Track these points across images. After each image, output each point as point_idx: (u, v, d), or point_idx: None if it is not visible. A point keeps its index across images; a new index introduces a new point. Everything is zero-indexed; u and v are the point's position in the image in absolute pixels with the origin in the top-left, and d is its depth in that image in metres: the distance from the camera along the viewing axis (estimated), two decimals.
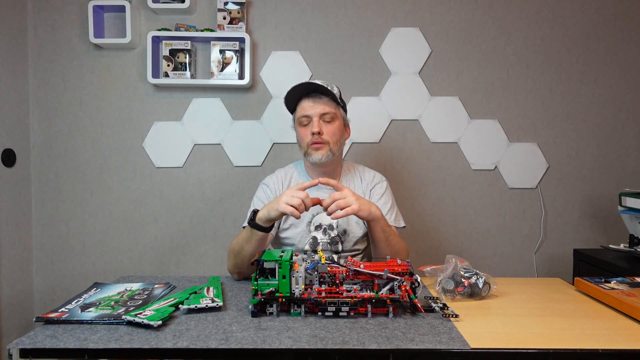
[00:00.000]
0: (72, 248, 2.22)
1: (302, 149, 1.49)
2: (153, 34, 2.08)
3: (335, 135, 1.46)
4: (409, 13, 2.18)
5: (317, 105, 1.44)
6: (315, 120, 1.44)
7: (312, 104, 1.45)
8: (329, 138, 1.44)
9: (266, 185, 1.55)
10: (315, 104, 1.44)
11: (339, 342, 0.90)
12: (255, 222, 1.28)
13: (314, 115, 1.44)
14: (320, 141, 1.43)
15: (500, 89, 2.20)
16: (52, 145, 2.19)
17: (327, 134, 1.44)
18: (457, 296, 1.17)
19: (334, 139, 1.45)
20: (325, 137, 1.43)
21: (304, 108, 1.46)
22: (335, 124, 1.46)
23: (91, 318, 1.00)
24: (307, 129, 1.45)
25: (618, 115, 2.21)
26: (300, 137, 1.48)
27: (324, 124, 1.44)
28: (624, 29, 2.19)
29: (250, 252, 1.29)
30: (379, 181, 1.56)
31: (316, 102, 1.44)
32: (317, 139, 1.43)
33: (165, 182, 2.22)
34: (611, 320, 1.04)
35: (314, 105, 1.44)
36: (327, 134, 1.44)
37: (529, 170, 2.22)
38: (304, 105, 1.46)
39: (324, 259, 1.08)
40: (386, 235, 1.34)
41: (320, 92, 1.46)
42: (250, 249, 1.29)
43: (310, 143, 1.44)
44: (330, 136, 1.44)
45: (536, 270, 2.25)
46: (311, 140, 1.44)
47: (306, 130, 1.46)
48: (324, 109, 1.44)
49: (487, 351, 0.88)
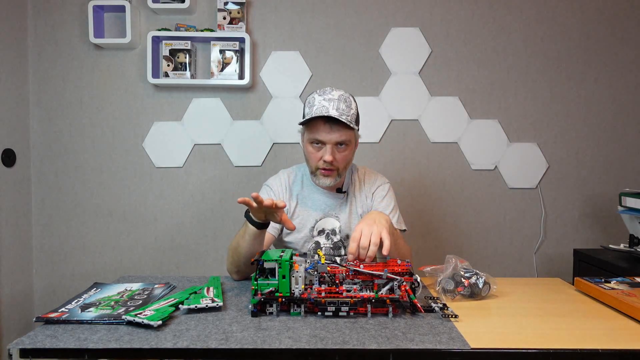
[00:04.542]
0: (72, 248, 2.22)
1: (309, 167, 1.44)
2: (153, 34, 2.08)
3: (346, 160, 1.40)
4: (409, 13, 2.18)
5: (333, 132, 1.33)
6: (329, 148, 1.34)
7: (328, 130, 1.33)
8: (339, 165, 1.38)
9: (269, 187, 1.54)
10: (332, 131, 1.33)
11: (339, 342, 0.90)
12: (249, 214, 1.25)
13: (328, 142, 1.34)
14: (331, 168, 1.38)
15: (500, 89, 2.20)
16: (52, 145, 2.19)
17: (339, 161, 1.37)
18: (457, 296, 1.17)
19: (344, 164, 1.40)
20: (337, 164, 1.38)
21: (319, 132, 1.34)
22: (348, 150, 1.39)
23: (91, 318, 1.00)
24: (319, 152, 1.37)
25: (618, 115, 2.21)
26: (310, 156, 1.41)
27: (337, 151, 1.36)
28: (624, 29, 2.19)
29: (245, 248, 1.27)
30: (381, 184, 1.55)
31: (333, 130, 1.33)
32: (327, 166, 1.37)
33: (165, 182, 2.22)
34: (611, 320, 1.04)
35: (331, 131, 1.33)
36: (339, 161, 1.37)
37: (529, 170, 2.22)
38: (320, 129, 1.34)
39: (324, 259, 1.08)
40: (395, 239, 1.31)
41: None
42: (245, 245, 1.26)
43: (319, 167, 1.39)
44: (341, 163, 1.39)
45: (536, 270, 2.25)
46: (321, 166, 1.38)
47: (317, 152, 1.37)
48: (339, 137, 1.34)
49: (487, 351, 0.88)
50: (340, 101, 1.34)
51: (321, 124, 1.34)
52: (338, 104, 1.33)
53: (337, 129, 1.34)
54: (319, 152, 1.38)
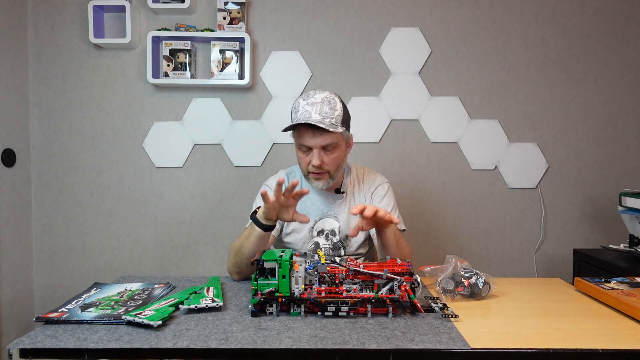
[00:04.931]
0: (72, 248, 2.22)
1: (301, 171, 1.45)
2: (153, 34, 2.08)
3: (336, 162, 1.41)
4: (409, 13, 2.18)
5: (316, 137, 1.34)
6: (315, 152, 1.35)
7: (312, 135, 1.34)
8: (329, 168, 1.39)
9: (268, 187, 1.54)
10: (315, 136, 1.34)
11: (339, 342, 0.90)
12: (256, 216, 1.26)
13: (314, 146, 1.35)
14: (321, 171, 1.39)
15: (500, 89, 2.20)
16: (52, 145, 2.19)
17: (328, 164, 1.38)
18: (457, 296, 1.17)
19: (334, 166, 1.40)
20: (326, 167, 1.38)
21: (303, 137, 1.36)
22: (337, 152, 1.39)
23: (91, 318, 1.00)
24: (307, 157, 1.39)
25: (618, 115, 2.21)
26: (300, 161, 1.43)
27: (324, 154, 1.37)
28: (624, 29, 2.19)
29: (249, 250, 1.28)
30: (380, 183, 1.56)
31: (316, 134, 1.33)
32: (317, 170, 1.38)
33: (165, 182, 2.22)
34: (611, 320, 1.04)
35: (314, 136, 1.34)
36: (327, 164, 1.38)
37: (529, 170, 2.22)
38: (304, 135, 1.35)
39: (324, 259, 1.08)
40: (397, 238, 1.32)
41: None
42: (249, 247, 1.28)
43: (310, 171, 1.40)
44: (331, 165, 1.39)
45: (536, 270, 2.25)
46: (311, 170, 1.39)
47: (306, 157, 1.39)
48: (324, 141, 1.34)
49: (487, 351, 0.88)
50: (323, 104, 1.34)
51: (304, 130, 1.35)
52: (321, 107, 1.33)
53: (320, 134, 1.34)
54: (308, 156, 1.39)
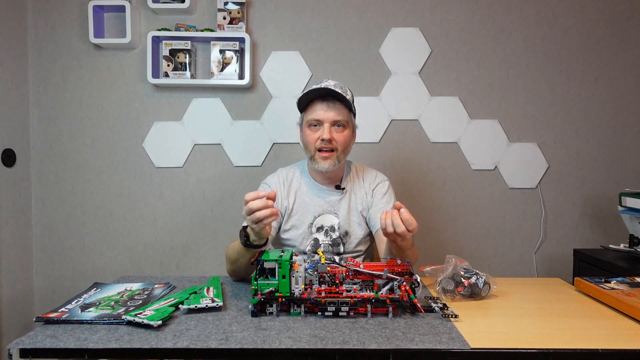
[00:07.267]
0: (72, 248, 2.22)
1: (307, 152, 1.45)
2: (153, 34, 2.08)
3: (345, 143, 1.43)
4: (409, 13, 2.18)
5: (330, 110, 1.39)
6: (326, 127, 1.39)
7: (325, 109, 1.39)
8: (338, 145, 1.41)
9: (267, 185, 1.54)
10: (329, 109, 1.39)
11: (339, 342, 0.90)
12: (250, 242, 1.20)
13: (325, 120, 1.39)
14: (329, 148, 1.40)
15: (500, 89, 2.20)
16: (52, 145, 2.19)
17: (338, 142, 1.40)
18: (457, 296, 1.17)
19: (343, 147, 1.43)
20: (335, 144, 1.40)
21: (316, 111, 1.40)
22: (346, 131, 1.43)
23: (91, 318, 1.00)
24: (316, 133, 1.41)
25: (618, 115, 2.21)
26: (308, 139, 1.44)
27: (334, 131, 1.40)
28: (624, 29, 2.19)
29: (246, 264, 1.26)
30: (380, 181, 1.56)
31: (330, 108, 1.39)
32: (326, 145, 1.40)
33: (165, 182, 2.22)
34: (611, 320, 1.04)
35: (327, 110, 1.39)
36: (337, 141, 1.40)
37: (529, 170, 2.22)
38: (317, 109, 1.40)
39: (324, 259, 1.08)
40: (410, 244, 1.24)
41: (335, 97, 1.40)
42: (245, 262, 1.26)
43: (318, 148, 1.41)
44: (340, 144, 1.41)
45: (536, 270, 2.25)
46: (319, 146, 1.41)
47: (315, 133, 1.41)
48: (337, 115, 1.39)
49: (487, 351, 0.88)
50: (336, 86, 1.41)
51: (318, 103, 1.41)
52: (335, 85, 1.41)
53: (334, 107, 1.40)
54: (317, 132, 1.41)
